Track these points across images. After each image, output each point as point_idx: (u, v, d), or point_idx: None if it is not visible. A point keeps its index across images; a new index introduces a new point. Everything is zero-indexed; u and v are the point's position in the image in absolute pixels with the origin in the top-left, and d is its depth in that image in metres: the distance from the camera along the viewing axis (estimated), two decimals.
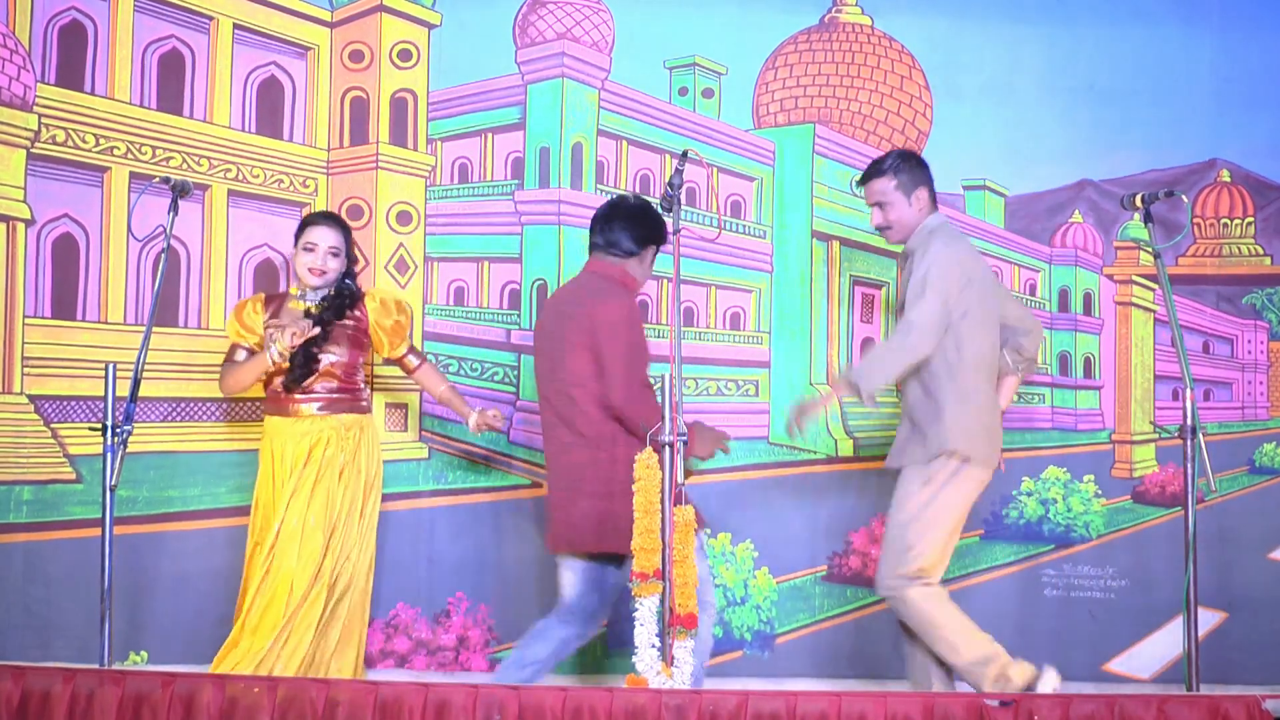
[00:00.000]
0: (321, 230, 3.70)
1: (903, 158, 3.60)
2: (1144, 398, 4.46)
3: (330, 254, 3.67)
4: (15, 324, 4.05)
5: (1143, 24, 4.44)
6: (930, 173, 3.61)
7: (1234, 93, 4.44)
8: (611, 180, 4.37)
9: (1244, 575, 4.26)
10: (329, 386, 3.64)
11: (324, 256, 3.67)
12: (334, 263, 3.68)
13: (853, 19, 4.50)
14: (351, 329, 3.68)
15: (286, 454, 3.61)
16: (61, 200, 4.08)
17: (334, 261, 3.68)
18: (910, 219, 3.56)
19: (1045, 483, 4.38)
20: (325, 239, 3.68)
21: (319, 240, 3.68)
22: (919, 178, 3.56)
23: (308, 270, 3.67)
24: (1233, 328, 4.52)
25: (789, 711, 2.70)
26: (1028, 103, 4.41)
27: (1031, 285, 4.53)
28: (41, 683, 2.77)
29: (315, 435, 3.60)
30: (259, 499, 3.67)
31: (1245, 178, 4.49)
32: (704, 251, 4.25)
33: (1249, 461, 4.41)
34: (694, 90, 4.40)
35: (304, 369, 3.61)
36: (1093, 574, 4.33)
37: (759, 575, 4.29)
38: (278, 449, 3.63)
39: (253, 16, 4.24)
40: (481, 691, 2.74)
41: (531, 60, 4.36)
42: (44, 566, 4.00)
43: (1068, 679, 4.14)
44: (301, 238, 3.71)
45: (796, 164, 4.43)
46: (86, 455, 4.01)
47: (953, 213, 4.47)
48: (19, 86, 4.08)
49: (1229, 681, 3.90)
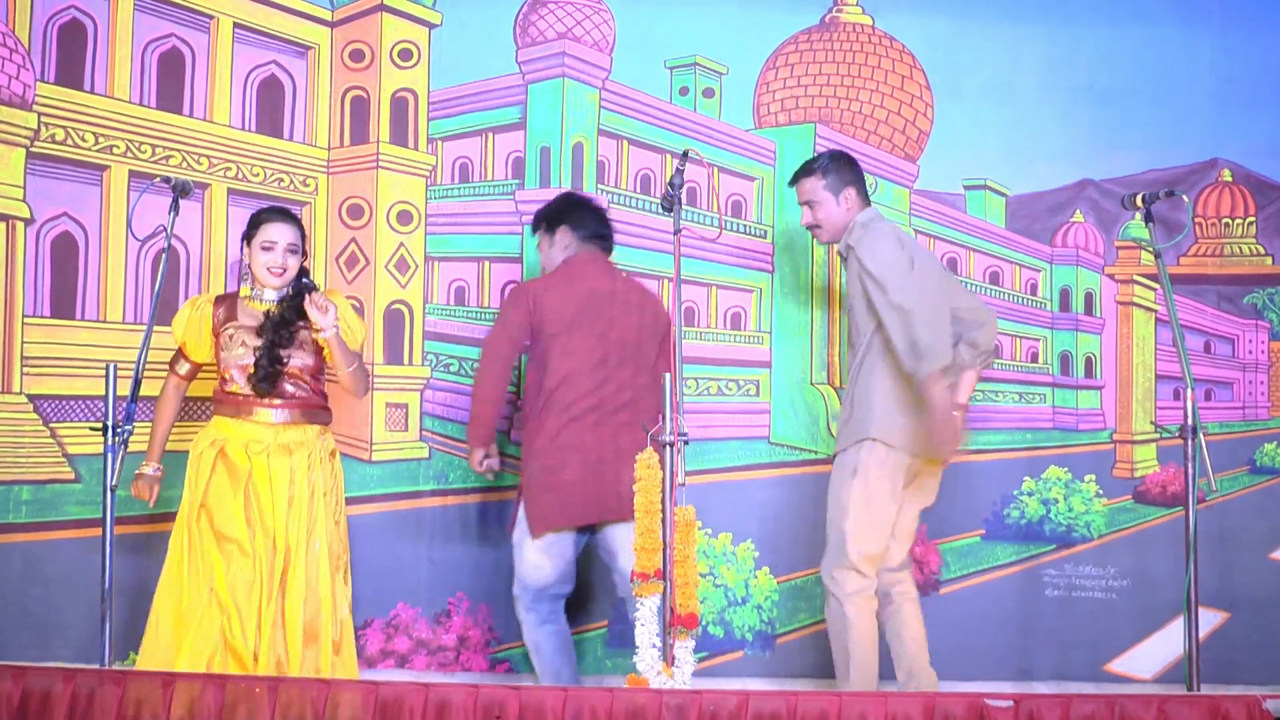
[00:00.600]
0: (279, 227, 3.50)
1: (832, 158, 3.69)
2: (1145, 397, 4.46)
3: (289, 251, 3.51)
4: (14, 323, 4.04)
5: (1143, 23, 4.44)
6: (860, 172, 3.67)
7: (1235, 92, 4.44)
8: (612, 180, 4.36)
9: (1245, 575, 4.26)
10: (296, 391, 3.51)
11: (283, 254, 3.50)
12: (293, 260, 3.53)
13: (853, 19, 4.49)
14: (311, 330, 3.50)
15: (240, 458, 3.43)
16: (61, 199, 4.08)
17: (293, 259, 3.53)
18: (839, 218, 3.63)
19: (1046, 482, 4.38)
20: (284, 236, 3.51)
21: (278, 238, 3.49)
22: (847, 177, 3.63)
23: (267, 270, 3.49)
24: (1234, 327, 4.52)
25: (790, 711, 2.70)
26: (1029, 102, 4.41)
27: (1033, 285, 4.53)
28: (41, 683, 2.76)
29: (285, 443, 3.45)
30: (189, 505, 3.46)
31: (1246, 177, 4.49)
32: (705, 251, 4.25)
33: (1250, 461, 4.41)
34: (695, 90, 4.39)
35: (270, 370, 3.44)
36: (1094, 574, 4.33)
37: (760, 575, 4.28)
38: (232, 451, 3.45)
39: (253, 15, 4.24)
40: (482, 691, 2.74)
41: (532, 60, 4.35)
42: (43, 567, 3.99)
43: (1068, 679, 4.16)
44: (256, 236, 3.50)
45: (797, 164, 4.37)
46: (85, 455, 4.00)
47: (952, 212, 4.48)
48: (18, 85, 4.07)
49: (1230, 682, 3.90)
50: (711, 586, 4.23)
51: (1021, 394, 4.46)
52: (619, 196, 4.35)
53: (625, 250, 4.25)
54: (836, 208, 3.63)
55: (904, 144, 4.47)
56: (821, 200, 3.64)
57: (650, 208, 4.33)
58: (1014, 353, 4.49)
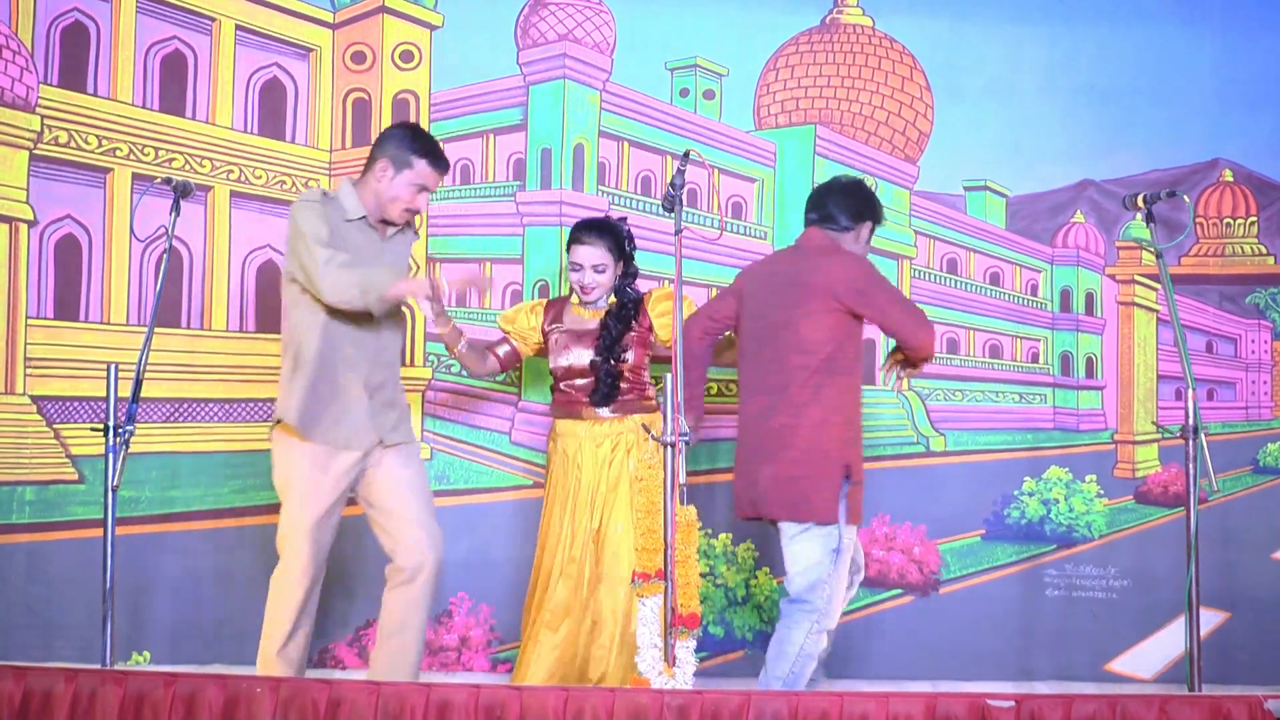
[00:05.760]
0: (583, 250, 3.68)
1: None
2: (1147, 398, 4.45)
3: (596, 271, 3.68)
4: (18, 325, 4.05)
5: (1144, 23, 4.43)
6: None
7: (1236, 92, 4.43)
8: (613, 181, 4.36)
9: (1247, 575, 4.25)
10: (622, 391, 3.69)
11: (590, 274, 3.68)
12: (604, 279, 3.68)
13: (854, 20, 4.49)
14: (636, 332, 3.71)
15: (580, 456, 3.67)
16: (64, 201, 4.08)
17: (602, 278, 3.68)
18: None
19: (1047, 482, 4.37)
20: (588, 259, 3.67)
21: (583, 260, 3.68)
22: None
23: (580, 288, 3.71)
24: (1236, 327, 4.51)
25: (791, 711, 2.69)
26: (1029, 103, 4.40)
27: (1033, 286, 4.52)
28: (43, 683, 2.76)
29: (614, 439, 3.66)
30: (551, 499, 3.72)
31: (1248, 177, 4.48)
32: (705, 253, 4.25)
33: (1252, 461, 4.40)
34: (695, 91, 4.40)
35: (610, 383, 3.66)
36: (1095, 574, 4.32)
37: (760, 575, 4.28)
38: (570, 450, 3.68)
39: (255, 18, 4.24)
40: (483, 692, 2.73)
41: (533, 61, 4.36)
42: (46, 567, 4.00)
43: (1069, 679, 4.16)
44: (569, 253, 3.72)
45: (797, 165, 4.43)
46: (89, 456, 4.01)
47: (952, 213, 4.48)
48: (21, 88, 4.08)
49: (1231, 682, 3.89)
50: (712, 586, 4.23)
51: (1022, 394, 4.46)
52: (620, 198, 4.35)
53: None
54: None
55: (904, 145, 4.47)
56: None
57: (651, 209, 4.34)
58: (1015, 353, 4.49)
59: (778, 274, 3.50)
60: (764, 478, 3.38)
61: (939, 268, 4.49)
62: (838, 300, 3.36)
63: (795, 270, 3.45)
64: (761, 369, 3.46)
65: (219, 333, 4.09)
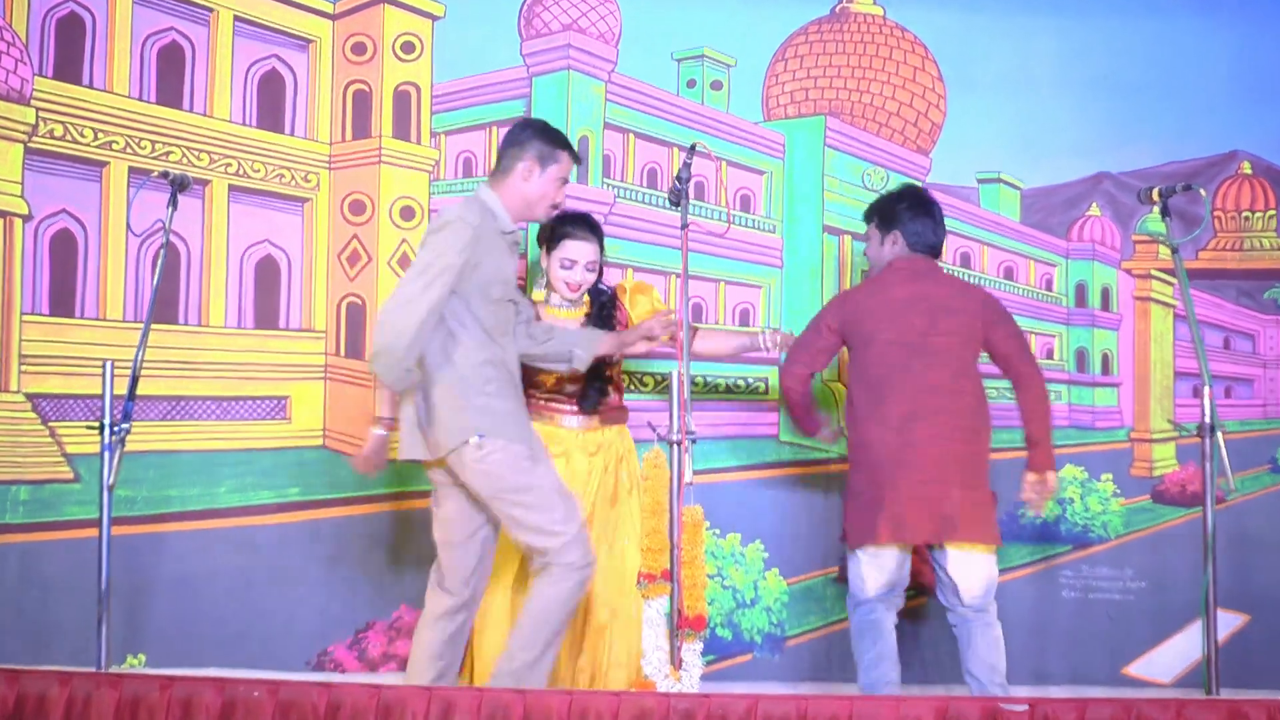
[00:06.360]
0: (579, 245, 3.57)
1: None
2: (1163, 395, 4.40)
3: (588, 270, 3.59)
4: (12, 321, 4.01)
5: (1158, 14, 4.40)
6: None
7: (1252, 84, 4.39)
8: (618, 174, 4.32)
9: (1265, 577, 4.20)
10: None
11: (582, 272, 3.58)
12: (591, 276, 3.61)
13: (864, 9, 4.45)
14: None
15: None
16: (59, 195, 4.04)
17: (590, 276, 3.60)
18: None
19: (1062, 482, 4.29)
20: (584, 255, 3.57)
21: (578, 257, 3.57)
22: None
23: (565, 285, 3.60)
24: (1254, 323, 4.47)
25: (799, 715, 2.67)
26: (1043, 94, 4.36)
27: (1048, 280, 4.48)
28: (37, 686, 2.74)
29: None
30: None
31: (1266, 169, 4.44)
32: (713, 246, 4.20)
33: (1271, 460, 4.35)
34: (702, 82, 4.35)
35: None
36: (1111, 575, 4.28)
37: (769, 576, 4.23)
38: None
39: (253, 8, 4.20)
40: (486, 695, 2.72)
41: (537, 52, 4.31)
42: (40, 568, 3.96)
43: (1085, 682, 4.11)
44: (557, 250, 3.59)
45: (807, 157, 4.38)
46: (84, 454, 3.96)
47: (965, 206, 4.43)
48: (16, 80, 4.04)
49: (1249, 686, 3.83)
50: (720, 588, 4.18)
51: None
52: (625, 190, 4.31)
53: (631, 245, 4.21)
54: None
55: (916, 136, 4.42)
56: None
57: (657, 202, 4.29)
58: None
59: (919, 299, 3.52)
60: (955, 501, 3.41)
61: (952, 261, 4.44)
62: (983, 329, 3.52)
63: (942, 295, 3.53)
64: (917, 391, 3.47)
65: (217, 329, 4.05)
